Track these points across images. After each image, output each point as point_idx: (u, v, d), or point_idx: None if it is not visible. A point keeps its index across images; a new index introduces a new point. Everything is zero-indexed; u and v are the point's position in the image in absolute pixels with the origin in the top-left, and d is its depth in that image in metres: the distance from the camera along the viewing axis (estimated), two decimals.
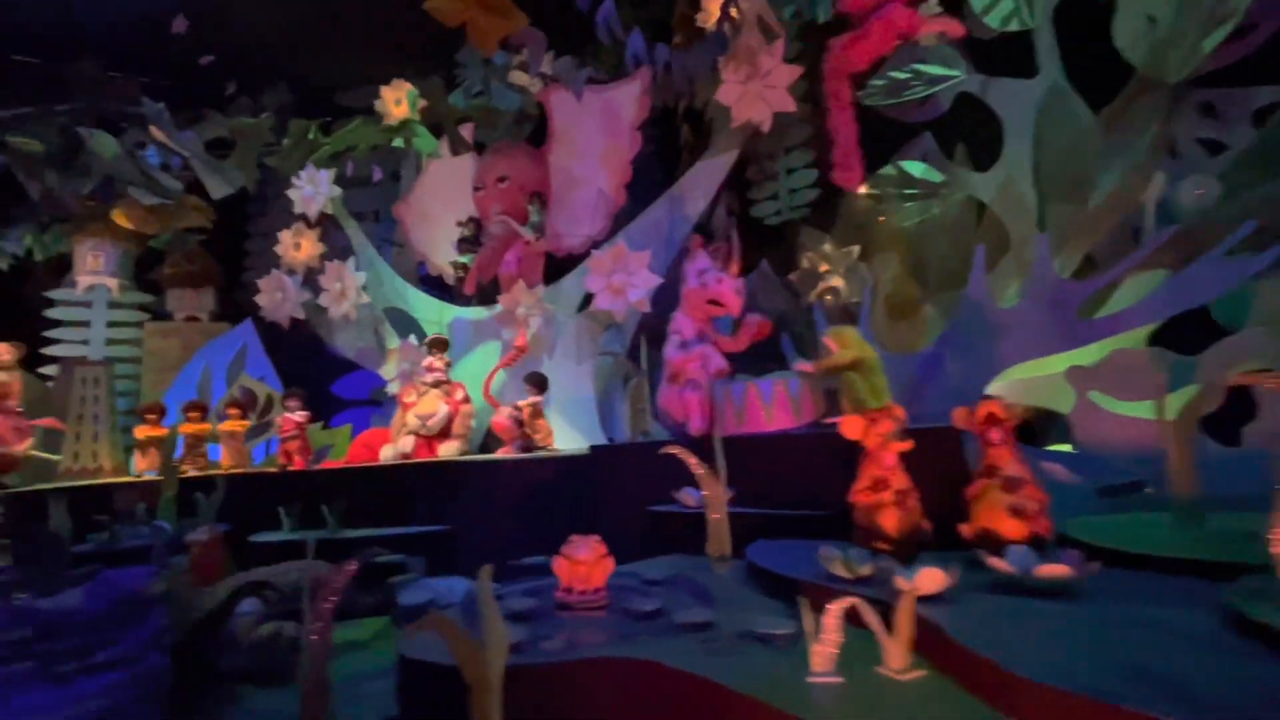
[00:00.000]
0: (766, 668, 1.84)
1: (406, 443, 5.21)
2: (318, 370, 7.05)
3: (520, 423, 5.04)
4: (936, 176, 5.12)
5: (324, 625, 2.44)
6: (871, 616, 1.78)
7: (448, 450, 5.21)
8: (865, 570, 2.27)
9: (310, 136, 6.66)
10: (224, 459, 5.79)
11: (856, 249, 5.36)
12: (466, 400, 5.53)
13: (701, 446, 3.37)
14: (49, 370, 6.94)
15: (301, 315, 6.86)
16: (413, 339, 6.42)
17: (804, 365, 3.53)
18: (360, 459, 5.61)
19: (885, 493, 2.64)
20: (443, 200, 7.02)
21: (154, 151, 6.72)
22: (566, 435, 5.63)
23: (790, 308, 5.73)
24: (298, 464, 5.24)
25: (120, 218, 6.79)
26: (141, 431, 5.62)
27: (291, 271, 6.94)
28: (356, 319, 6.66)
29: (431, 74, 6.93)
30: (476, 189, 6.69)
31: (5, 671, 2.77)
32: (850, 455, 3.06)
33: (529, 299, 6.04)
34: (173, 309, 7.80)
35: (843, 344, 3.48)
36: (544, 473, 4.56)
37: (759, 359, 4.81)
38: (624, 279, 5.49)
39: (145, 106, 6.09)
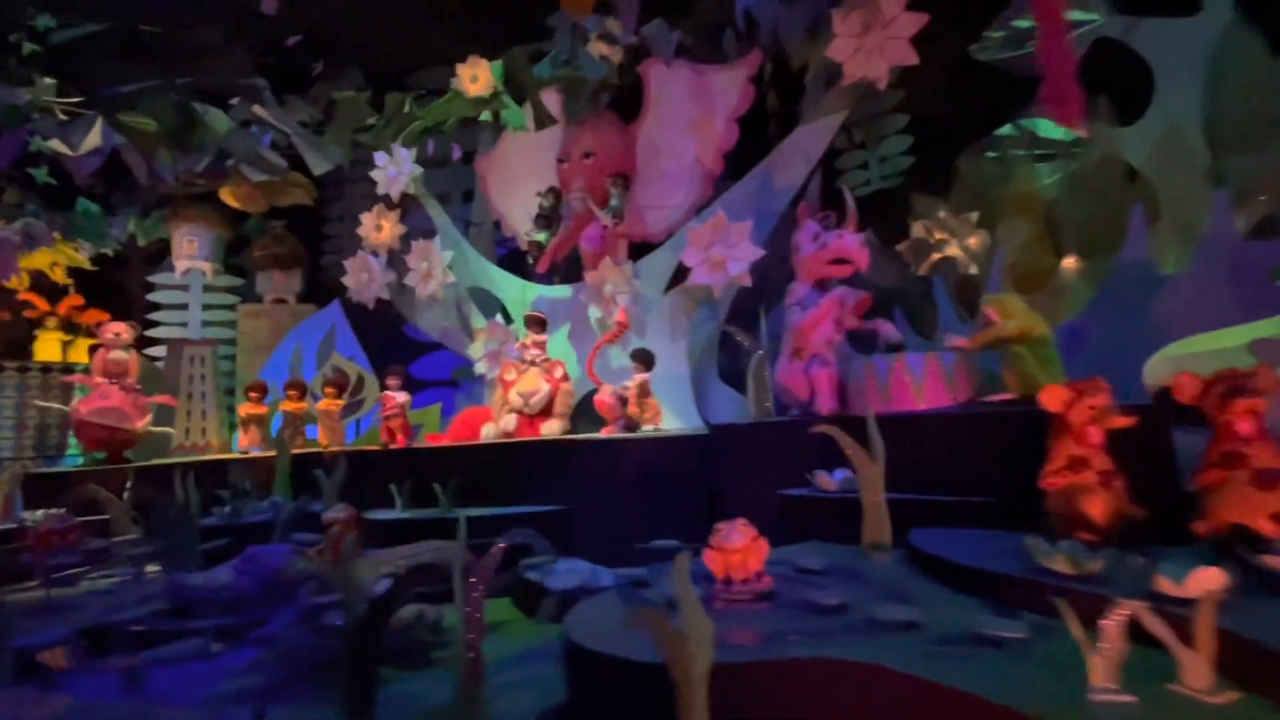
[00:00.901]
0: (1020, 678, 1.59)
1: (509, 421, 5.13)
2: (397, 351, 7.08)
3: (624, 401, 4.88)
4: (1069, 134, 4.66)
5: (477, 608, 2.34)
6: (1161, 626, 1.51)
7: (550, 429, 5.10)
8: (1094, 566, 2.00)
9: (405, 110, 6.57)
10: (321, 437, 5.88)
11: (975, 215, 4.95)
12: (566, 378, 5.41)
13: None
14: (151, 352, 7.18)
15: (387, 296, 6.87)
16: (499, 318, 6.33)
17: (958, 340, 3.22)
18: (460, 438, 5.57)
19: (1086, 474, 2.35)
20: (526, 166, 6.82)
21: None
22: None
23: (900, 281, 5.35)
24: (400, 442, 5.24)
25: (228, 195, 6.91)
26: (245, 409, 5.74)
27: (374, 253, 6.95)
28: (443, 299, 6.62)
29: (511, 46, 6.74)
30: (560, 161, 6.50)
31: (158, 649, 2.78)
32: (1019, 436, 2.76)
33: (617, 276, 5.84)
34: (261, 291, 7.97)
35: (1005, 313, 3.16)
36: (660, 453, 4.38)
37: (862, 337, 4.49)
38: (723, 251, 5.21)
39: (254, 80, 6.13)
